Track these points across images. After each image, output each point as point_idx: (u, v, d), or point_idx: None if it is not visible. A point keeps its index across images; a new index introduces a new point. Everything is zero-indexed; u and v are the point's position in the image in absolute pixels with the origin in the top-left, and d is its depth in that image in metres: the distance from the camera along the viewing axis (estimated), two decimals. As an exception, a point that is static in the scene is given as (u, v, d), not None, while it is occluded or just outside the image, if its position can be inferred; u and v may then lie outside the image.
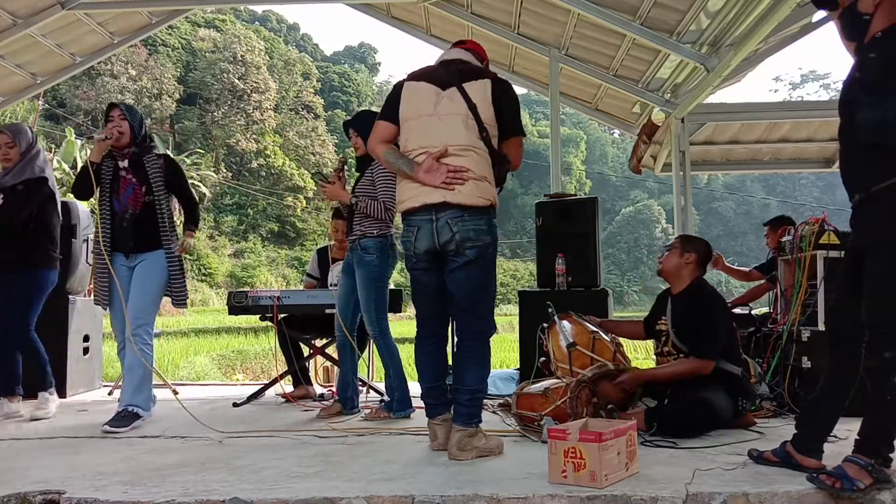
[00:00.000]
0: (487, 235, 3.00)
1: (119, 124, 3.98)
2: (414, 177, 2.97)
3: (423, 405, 3.27)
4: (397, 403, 4.15)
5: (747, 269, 5.96)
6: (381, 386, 5.46)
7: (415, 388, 5.62)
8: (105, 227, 4.03)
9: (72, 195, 4.33)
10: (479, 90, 3.01)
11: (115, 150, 4.03)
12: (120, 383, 5.43)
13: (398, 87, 3.17)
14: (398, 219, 3.42)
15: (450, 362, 3.57)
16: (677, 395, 3.59)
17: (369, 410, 4.19)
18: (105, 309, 4.18)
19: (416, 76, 3.15)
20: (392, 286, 4.44)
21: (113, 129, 3.97)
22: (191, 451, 3.23)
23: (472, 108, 2.97)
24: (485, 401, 4.40)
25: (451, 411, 3.13)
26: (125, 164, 4.02)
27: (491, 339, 3.16)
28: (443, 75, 3.07)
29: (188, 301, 4.29)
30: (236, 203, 40.93)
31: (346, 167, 4.34)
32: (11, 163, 4.26)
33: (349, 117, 4.37)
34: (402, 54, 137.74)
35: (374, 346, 4.35)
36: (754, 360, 4.27)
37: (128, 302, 3.97)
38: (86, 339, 5.52)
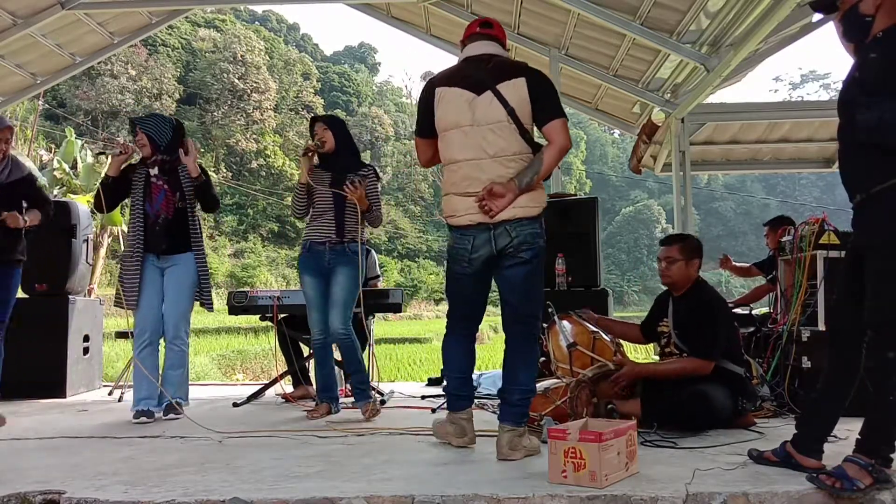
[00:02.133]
0: (541, 238, 3.01)
1: (140, 137, 4.17)
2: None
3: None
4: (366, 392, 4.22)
5: (747, 265, 6.03)
6: (380, 385, 5.46)
7: (412, 387, 5.65)
8: (138, 230, 4.18)
9: (72, 196, 4.34)
10: (515, 91, 2.92)
11: (146, 159, 4.20)
12: (121, 383, 5.45)
13: (429, 93, 3.08)
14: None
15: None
16: (676, 389, 3.58)
17: (366, 411, 4.13)
18: (132, 309, 4.18)
19: (445, 81, 3.05)
20: (392, 286, 4.44)
21: (126, 144, 4.18)
22: (191, 451, 3.23)
23: (511, 112, 2.91)
24: (485, 401, 4.44)
25: (473, 407, 3.19)
26: (155, 171, 4.18)
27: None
28: (474, 77, 2.98)
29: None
30: (236, 203, 40.88)
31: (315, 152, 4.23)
32: (2, 157, 4.07)
33: (329, 114, 4.35)
34: (402, 54, 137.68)
35: (339, 345, 4.24)
36: (755, 361, 4.27)
37: (165, 305, 4.15)
38: (86, 339, 5.52)
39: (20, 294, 4.47)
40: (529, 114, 2.95)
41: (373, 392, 4.34)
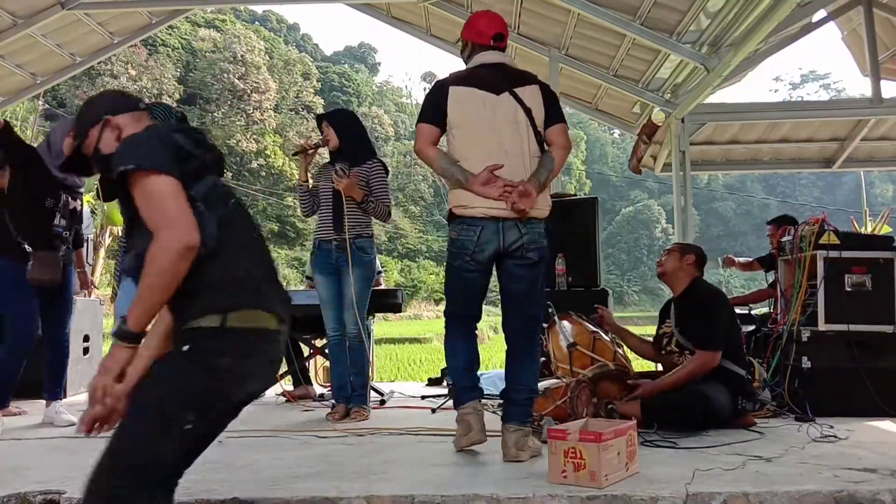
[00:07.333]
0: (545, 238, 3.06)
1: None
2: (469, 188, 2.95)
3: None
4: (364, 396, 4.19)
5: (750, 260, 6.08)
6: (380, 385, 5.47)
7: (412, 387, 5.65)
8: None
9: None
10: (532, 95, 3.05)
11: None
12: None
13: (441, 91, 3.08)
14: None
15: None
16: (675, 390, 3.57)
17: (355, 414, 4.08)
18: None
19: (461, 81, 3.09)
20: (392, 286, 4.44)
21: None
22: (191, 451, 3.23)
23: (528, 112, 3.01)
24: (485, 401, 4.43)
25: (481, 400, 3.11)
26: None
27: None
28: (491, 80, 3.05)
29: None
30: (236, 203, 40.90)
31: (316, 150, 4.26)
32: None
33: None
34: (402, 54, 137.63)
35: (350, 345, 4.18)
36: (757, 362, 4.28)
37: None
38: (86, 339, 5.51)
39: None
40: (543, 118, 3.06)
41: (369, 399, 4.31)
